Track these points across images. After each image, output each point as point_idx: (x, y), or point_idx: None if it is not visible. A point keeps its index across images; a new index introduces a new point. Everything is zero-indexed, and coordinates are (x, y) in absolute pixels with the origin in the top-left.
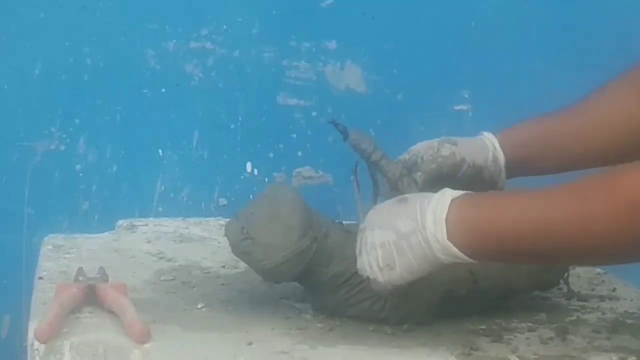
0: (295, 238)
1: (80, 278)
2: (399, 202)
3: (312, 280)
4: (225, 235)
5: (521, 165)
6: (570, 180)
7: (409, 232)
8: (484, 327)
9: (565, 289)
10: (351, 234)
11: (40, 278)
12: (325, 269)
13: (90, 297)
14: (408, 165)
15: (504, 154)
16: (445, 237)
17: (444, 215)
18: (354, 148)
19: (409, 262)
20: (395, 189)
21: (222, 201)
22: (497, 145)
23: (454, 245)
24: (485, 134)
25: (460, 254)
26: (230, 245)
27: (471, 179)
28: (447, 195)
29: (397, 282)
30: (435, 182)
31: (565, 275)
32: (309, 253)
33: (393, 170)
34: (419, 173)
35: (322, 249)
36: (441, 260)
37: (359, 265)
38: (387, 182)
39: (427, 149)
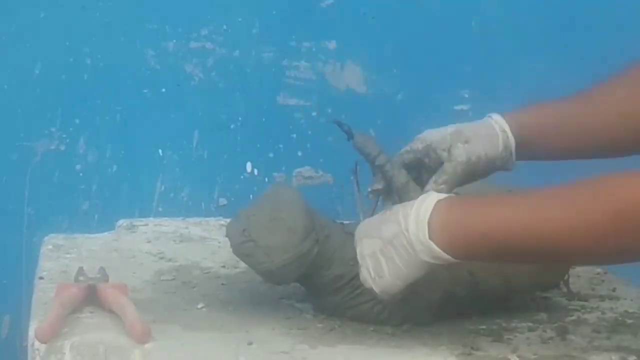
0: (297, 241)
1: (81, 278)
2: (386, 211)
3: (312, 282)
4: (227, 236)
5: (529, 150)
6: (560, 182)
7: (392, 236)
8: (484, 327)
9: (565, 290)
10: (352, 236)
11: (41, 278)
12: (326, 271)
13: (90, 297)
14: (421, 155)
15: (514, 136)
16: (427, 236)
17: (427, 217)
18: (359, 151)
19: (397, 268)
20: (402, 194)
21: (222, 201)
22: (508, 130)
23: (436, 245)
24: (494, 117)
25: (443, 254)
26: (231, 246)
27: (485, 171)
28: (431, 197)
29: (390, 290)
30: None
31: (566, 277)
32: (310, 256)
33: (397, 175)
34: (442, 186)
35: (323, 251)
36: (426, 262)
37: (361, 278)
38: (393, 186)
39: (440, 142)
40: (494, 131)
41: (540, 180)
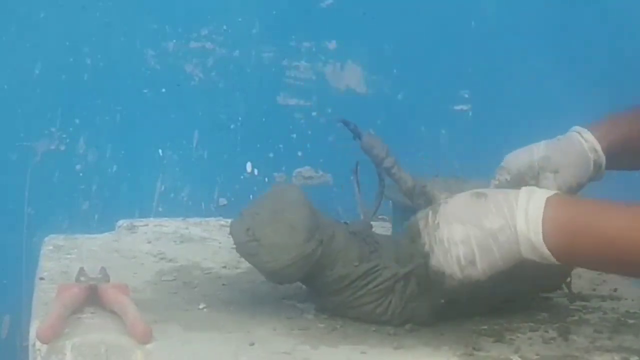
0: (301, 241)
1: (82, 278)
2: (477, 197)
3: (315, 281)
4: (230, 234)
5: (615, 164)
6: None
7: (497, 229)
8: (486, 327)
9: (566, 290)
10: (356, 236)
11: (42, 278)
12: (330, 271)
13: (92, 298)
14: (510, 187)
15: (605, 154)
16: (541, 237)
17: (540, 216)
18: (366, 152)
19: (494, 259)
20: (409, 197)
21: (222, 201)
22: (599, 149)
23: (547, 246)
24: (584, 134)
25: (550, 256)
26: (235, 245)
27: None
28: (538, 194)
29: (476, 278)
30: None
31: (568, 279)
32: (315, 256)
33: (404, 178)
34: None
35: (327, 251)
36: (525, 257)
37: (434, 262)
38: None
39: (527, 171)
40: (584, 154)
41: None
